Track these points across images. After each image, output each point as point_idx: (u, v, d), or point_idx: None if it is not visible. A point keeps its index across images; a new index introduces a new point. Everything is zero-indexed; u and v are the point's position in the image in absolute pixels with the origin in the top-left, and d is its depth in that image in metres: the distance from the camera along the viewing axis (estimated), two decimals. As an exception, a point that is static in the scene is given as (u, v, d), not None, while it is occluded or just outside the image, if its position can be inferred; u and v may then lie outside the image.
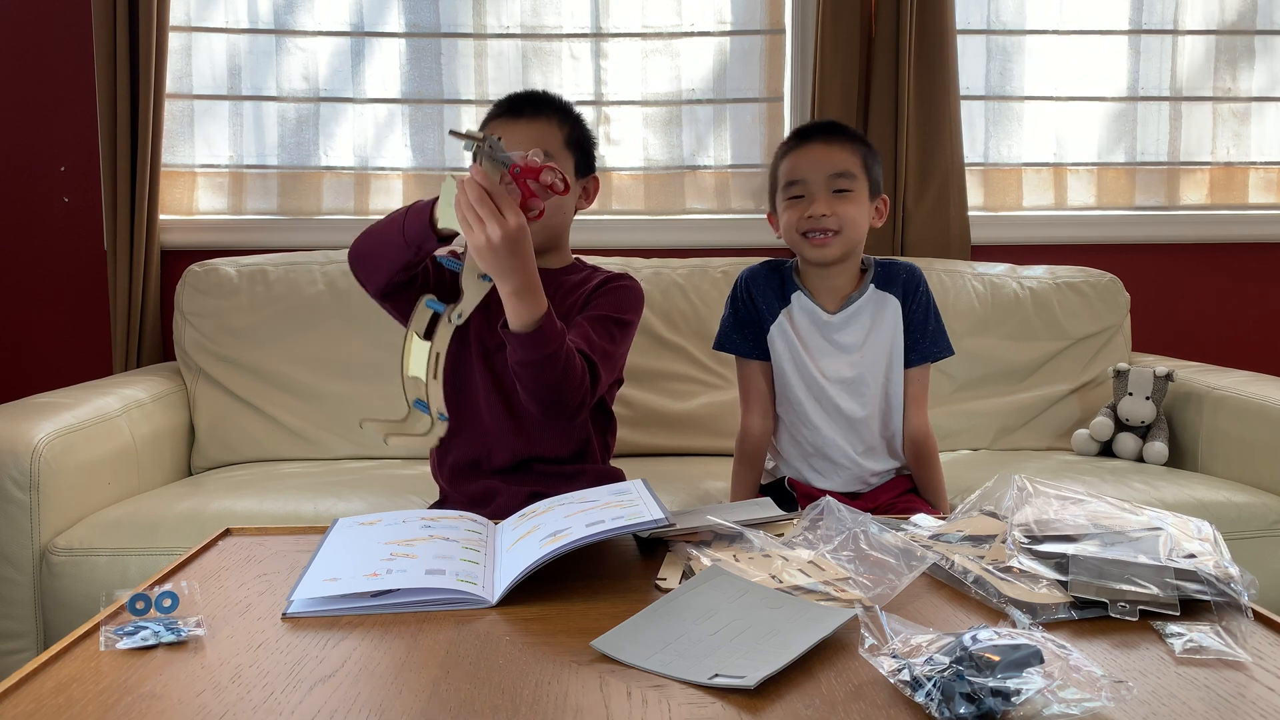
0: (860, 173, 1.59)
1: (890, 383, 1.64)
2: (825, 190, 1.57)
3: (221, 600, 0.96)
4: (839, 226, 1.56)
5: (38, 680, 0.78)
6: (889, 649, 0.77)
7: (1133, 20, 2.64)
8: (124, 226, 2.37)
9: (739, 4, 2.58)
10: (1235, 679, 0.78)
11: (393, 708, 0.73)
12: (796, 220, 1.58)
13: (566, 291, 1.49)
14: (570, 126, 1.52)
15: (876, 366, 1.63)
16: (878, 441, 1.64)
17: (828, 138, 1.60)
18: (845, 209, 1.57)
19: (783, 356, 1.65)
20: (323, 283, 2.27)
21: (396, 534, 1.08)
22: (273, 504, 1.76)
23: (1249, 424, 1.94)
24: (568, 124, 1.51)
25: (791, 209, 1.60)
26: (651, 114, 2.60)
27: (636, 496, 1.09)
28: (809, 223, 1.57)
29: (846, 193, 1.58)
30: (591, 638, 0.83)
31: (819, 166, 1.58)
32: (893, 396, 1.64)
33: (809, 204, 1.57)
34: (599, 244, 2.47)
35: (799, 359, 1.63)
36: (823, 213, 1.56)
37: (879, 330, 1.63)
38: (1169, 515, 1.01)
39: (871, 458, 1.64)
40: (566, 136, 1.50)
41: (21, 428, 1.68)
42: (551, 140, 1.48)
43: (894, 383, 1.64)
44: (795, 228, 1.59)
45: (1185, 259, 2.66)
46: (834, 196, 1.57)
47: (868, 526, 1.03)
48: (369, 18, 2.54)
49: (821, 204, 1.56)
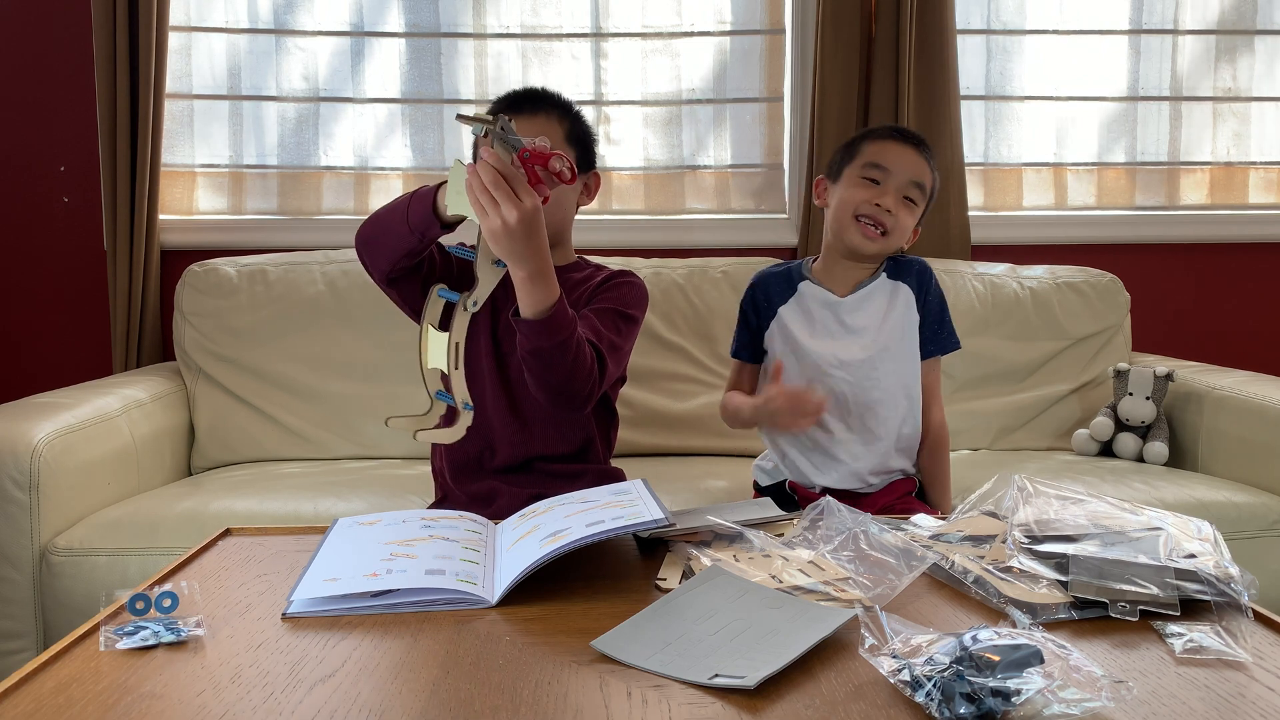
0: (925, 197, 1.62)
1: (906, 371, 1.63)
2: (900, 190, 1.59)
3: (221, 600, 0.96)
4: (892, 229, 1.58)
5: (38, 680, 0.78)
6: (889, 649, 0.77)
7: (1132, 20, 2.64)
8: (124, 226, 2.37)
9: (739, 4, 2.58)
10: (1235, 679, 0.78)
11: (393, 708, 0.73)
12: (861, 201, 1.58)
13: (571, 288, 1.49)
14: (571, 122, 1.52)
15: (891, 351, 1.62)
16: (883, 435, 1.62)
17: (920, 149, 1.62)
18: (905, 217, 1.59)
19: (783, 350, 1.64)
20: (323, 283, 2.27)
21: (396, 534, 1.08)
22: (273, 504, 1.77)
23: (1249, 424, 1.94)
24: (568, 119, 1.52)
25: (862, 188, 1.59)
26: (651, 114, 2.60)
27: (636, 496, 1.09)
28: (873, 209, 1.57)
29: (912, 203, 1.60)
30: (591, 638, 0.83)
31: (906, 167, 1.59)
32: (910, 386, 1.63)
33: (882, 193, 1.58)
34: (599, 244, 2.47)
35: (802, 347, 1.62)
36: (889, 208, 1.57)
37: (893, 314, 1.63)
38: (1169, 515, 1.01)
39: (873, 454, 1.62)
40: (567, 132, 1.50)
41: (21, 428, 1.68)
42: (552, 135, 1.48)
43: (909, 371, 1.63)
44: (855, 207, 1.59)
45: (1185, 259, 2.66)
46: (902, 201, 1.59)
47: (868, 526, 1.03)
48: (369, 17, 2.54)
49: (891, 198, 1.58)
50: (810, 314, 1.64)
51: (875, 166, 1.60)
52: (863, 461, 1.61)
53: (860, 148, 1.63)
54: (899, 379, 1.63)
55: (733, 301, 2.32)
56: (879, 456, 1.62)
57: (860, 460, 1.61)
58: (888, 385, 1.62)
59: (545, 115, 1.49)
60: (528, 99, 1.52)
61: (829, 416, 1.60)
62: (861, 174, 1.60)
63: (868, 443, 1.62)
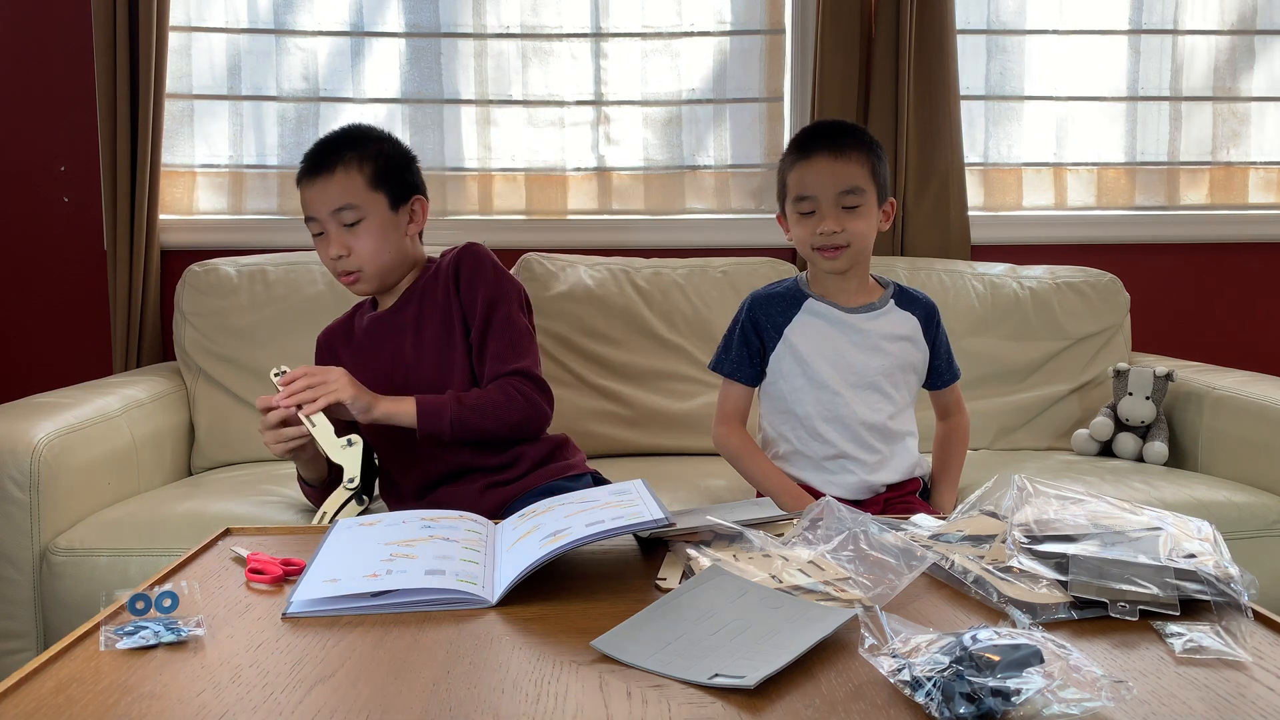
0: (869, 184, 1.59)
1: (912, 392, 1.69)
2: (834, 207, 1.58)
3: (221, 600, 0.96)
4: (848, 242, 1.58)
5: (38, 680, 0.78)
6: (889, 649, 0.77)
7: (1133, 20, 2.64)
8: (124, 226, 2.37)
9: (739, 4, 2.58)
10: (1235, 679, 0.78)
11: (393, 708, 0.73)
12: (808, 235, 1.60)
13: (431, 286, 1.57)
14: (371, 164, 1.54)
15: (903, 370, 1.66)
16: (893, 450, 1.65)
17: (835, 148, 1.58)
18: (854, 225, 1.58)
19: (792, 371, 1.65)
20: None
21: (396, 534, 1.08)
22: (273, 504, 1.76)
23: (1249, 424, 1.94)
24: (368, 162, 1.53)
25: (802, 224, 1.60)
26: (651, 114, 2.60)
27: (636, 496, 1.09)
28: (820, 239, 1.58)
29: (855, 209, 1.58)
30: (591, 638, 0.83)
31: (827, 183, 1.58)
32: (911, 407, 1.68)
33: (819, 220, 1.58)
34: (599, 244, 2.47)
35: (812, 368, 1.63)
36: (833, 229, 1.57)
37: (902, 338, 1.66)
38: (1169, 515, 1.01)
39: (884, 468, 1.64)
40: (369, 178, 1.53)
41: (21, 428, 1.68)
42: (353, 188, 1.52)
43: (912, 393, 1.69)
44: (808, 242, 1.61)
45: (1185, 259, 2.66)
46: (843, 213, 1.58)
47: (868, 526, 1.03)
48: (368, 17, 2.54)
49: (831, 220, 1.57)
50: (820, 332, 1.65)
51: (801, 199, 1.60)
52: (877, 476, 1.64)
53: (786, 179, 1.64)
54: (907, 398, 1.68)
55: (733, 301, 2.32)
56: (891, 473, 1.65)
57: (875, 474, 1.64)
58: (900, 403, 1.66)
59: (342, 169, 1.52)
60: (322, 156, 1.54)
61: (840, 439, 1.63)
62: (796, 210, 1.61)
63: (881, 462, 1.64)
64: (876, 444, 1.63)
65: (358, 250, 1.53)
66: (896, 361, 1.64)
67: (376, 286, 1.58)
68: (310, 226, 1.58)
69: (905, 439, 1.66)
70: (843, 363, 1.63)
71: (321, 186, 1.53)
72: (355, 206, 1.52)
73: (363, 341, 1.62)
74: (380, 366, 1.57)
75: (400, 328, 1.58)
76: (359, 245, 1.53)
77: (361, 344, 1.62)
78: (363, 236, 1.53)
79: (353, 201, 1.52)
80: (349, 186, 1.52)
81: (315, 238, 1.58)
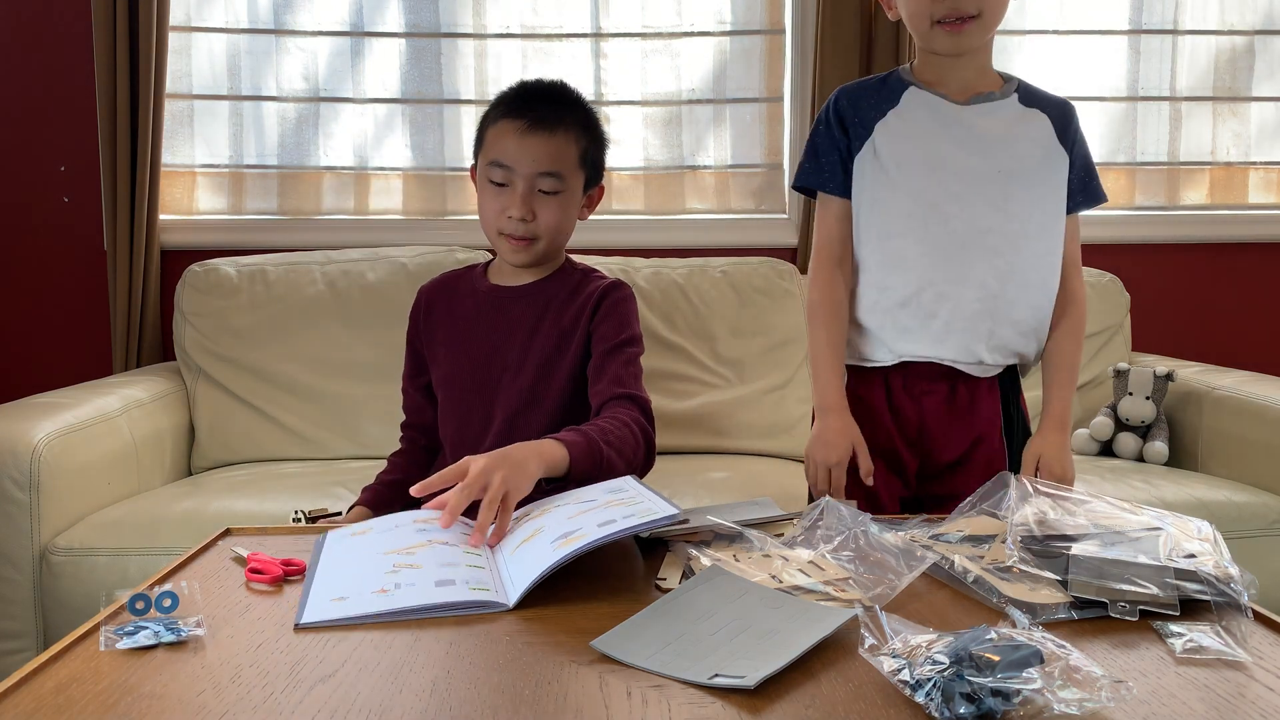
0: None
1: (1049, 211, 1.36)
2: None
3: (221, 600, 0.96)
4: (979, 10, 1.31)
5: (38, 680, 0.78)
6: (889, 649, 0.76)
7: (1133, 20, 2.64)
8: (124, 226, 2.37)
9: (739, 4, 2.58)
10: (1235, 679, 0.78)
11: (393, 708, 0.73)
12: (928, 7, 1.33)
13: (566, 299, 1.45)
14: (588, 140, 1.42)
15: (1028, 179, 1.35)
16: (1013, 295, 1.35)
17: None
18: None
19: (876, 180, 1.38)
20: (323, 283, 2.27)
21: (393, 542, 1.06)
22: (272, 504, 1.77)
23: (1249, 424, 1.94)
24: (585, 137, 1.42)
25: None
26: (651, 114, 2.60)
27: (637, 494, 1.08)
28: (947, 8, 1.32)
29: None
30: (591, 638, 0.83)
31: None
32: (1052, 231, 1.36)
33: None
34: (599, 244, 2.47)
35: (909, 170, 1.36)
36: None
37: (1028, 138, 1.37)
38: (1169, 515, 1.01)
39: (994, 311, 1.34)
40: (581, 153, 1.41)
41: (21, 428, 1.68)
42: (567, 158, 1.39)
43: (1052, 212, 1.36)
44: (929, 14, 1.34)
45: (1185, 259, 2.66)
46: None
47: (867, 526, 1.03)
48: (368, 17, 2.54)
49: None
50: (921, 125, 1.37)
51: None
52: (983, 324, 1.34)
53: None
54: (1040, 220, 1.35)
55: (733, 301, 2.33)
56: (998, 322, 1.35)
57: (981, 323, 1.34)
58: (1025, 222, 1.34)
59: (563, 134, 1.38)
60: (546, 105, 1.38)
61: (931, 266, 1.34)
62: None
63: (992, 298, 1.34)
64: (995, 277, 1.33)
65: (542, 219, 1.39)
66: (1020, 167, 1.35)
67: (539, 259, 1.43)
68: (493, 173, 1.38)
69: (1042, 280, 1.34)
70: (948, 164, 1.36)
71: (537, 143, 1.37)
72: (561, 176, 1.38)
73: (472, 312, 1.47)
74: (478, 352, 1.45)
75: (515, 323, 1.45)
76: (545, 215, 1.39)
77: (470, 314, 1.47)
78: (553, 208, 1.39)
79: (562, 171, 1.38)
80: (564, 154, 1.38)
81: (492, 184, 1.39)
